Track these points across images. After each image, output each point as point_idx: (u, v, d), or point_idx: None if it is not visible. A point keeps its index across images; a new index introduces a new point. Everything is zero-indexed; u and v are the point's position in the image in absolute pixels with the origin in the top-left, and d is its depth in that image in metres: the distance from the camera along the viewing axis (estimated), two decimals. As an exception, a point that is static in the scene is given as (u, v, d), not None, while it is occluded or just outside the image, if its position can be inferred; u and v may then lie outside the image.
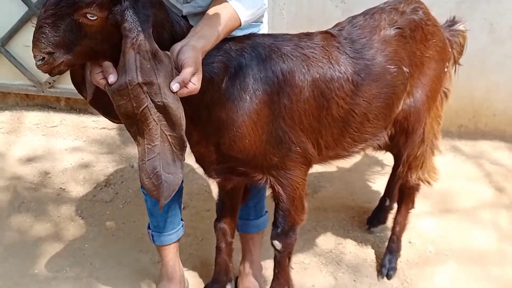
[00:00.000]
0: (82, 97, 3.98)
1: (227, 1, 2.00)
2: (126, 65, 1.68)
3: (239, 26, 2.05)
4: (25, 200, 3.42)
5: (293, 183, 2.26)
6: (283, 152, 2.17)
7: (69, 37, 1.70)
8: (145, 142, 1.75)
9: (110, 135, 4.13)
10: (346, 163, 3.79)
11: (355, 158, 3.81)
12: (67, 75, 4.02)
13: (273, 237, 2.41)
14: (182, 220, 2.76)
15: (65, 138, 4.08)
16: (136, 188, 3.55)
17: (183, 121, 1.75)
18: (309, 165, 2.31)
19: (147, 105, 1.71)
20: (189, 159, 3.64)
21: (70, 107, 4.35)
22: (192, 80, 1.76)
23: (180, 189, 2.71)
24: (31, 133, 4.11)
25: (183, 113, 1.75)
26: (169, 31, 1.86)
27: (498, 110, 4.15)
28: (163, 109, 1.72)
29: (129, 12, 1.70)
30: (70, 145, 3.99)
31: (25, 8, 3.94)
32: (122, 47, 1.70)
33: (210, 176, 2.33)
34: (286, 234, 2.38)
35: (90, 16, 1.68)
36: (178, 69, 1.77)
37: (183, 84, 1.73)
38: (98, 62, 1.77)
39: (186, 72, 1.75)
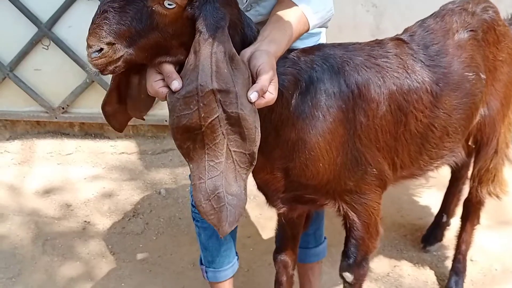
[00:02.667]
0: (97, 122, 3.81)
1: (294, 3, 1.78)
2: (199, 67, 1.44)
3: (307, 30, 1.84)
4: (48, 237, 3.16)
5: (368, 208, 2.05)
6: (358, 175, 1.95)
7: (136, 27, 1.47)
8: (207, 158, 1.51)
9: (130, 160, 3.87)
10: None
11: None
12: (81, 99, 3.82)
13: (343, 269, 2.18)
14: (237, 253, 2.51)
15: (82, 166, 3.82)
16: (168, 217, 3.31)
17: (258, 136, 1.52)
18: (384, 187, 2.09)
19: (218, 116, 1.47)
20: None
21: (85, 132, 4.09)
22: (269, 89, 1.53)
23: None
24: (45, 163, 3.85)
25: (259, 127, 1.52)
26: (241, 34, 1.63)
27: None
28: (236, 121, 1.49)
29: (209, 6, 1.48)
30: (89, 174, 3.73)
31: (35, 29, 3.70)
32: (193, 46, 1.47)
33: (274, 206, 2.09)
34: (359, 264, 2.16)
35: (168, 4, 1.45)
36: (253, 76, 1.54)
37: (262, 93, 1.51)
38: (156, 68, 1.54)
39: (264, 79, 1.51)
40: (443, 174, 2.86)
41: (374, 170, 1.98)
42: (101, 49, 1.45)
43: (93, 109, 3.91)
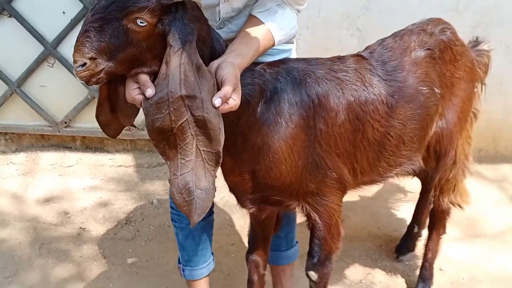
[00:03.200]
0: (97, 136, 4.04)
1: (261, 21, 2.00)
2: (169, 76, 1.64)
3: (273, 46, 2.05)
4: (45, 241, 3.36)
5: (329, 209, 2.21)
6: (319, 178, 2.12)
7: (114, 43, 1.67)
8: (179, 157, 1.70)
9: (127, 173, 4.09)
10: (368, 191, 3.76)
11: (378, 186, 3.78)
12: (83, 114, 4.05)
13: (308, 268, 2.34)
14: (212, 253, 2.70)
15: (82, 178, 4.03)
16: (158, 225, 3.51)
17: (222, 137, 1.72)
18: (344, 191, 2.27)
19: (186, 119, 1.67)
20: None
21: (86, 146, 4.31)
22: (232, 96, 1.74)
23: (211, 220, 2.67)
24: (48, 174, 4.07)
25: (223, 129, 1.72)
26: (210, 48, 1.84)
27: (517, 133, 4.10)
28: (203, 124, 1.68)
29: (178, 23, 1.68)
30: (88, 184, 3.95)
31: (41, 48, 3.95)
32: (165, 58, 1.66)
33: (244, 206, 2.28)
34: (323, 263, 2.32)
35: (140, 22, 1.65)
36: (218, 85, 1.74)
37: (225, 99, 1.70)
38: (133, 78, 1.74)
39: (227, 87, 1.72)
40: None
41: (334, 174, 2.14)
42: (85, 63, 1.66)
43: (94, 123, 4.00)
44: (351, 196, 3.66)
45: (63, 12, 3.86)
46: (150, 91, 1.65)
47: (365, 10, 3.81)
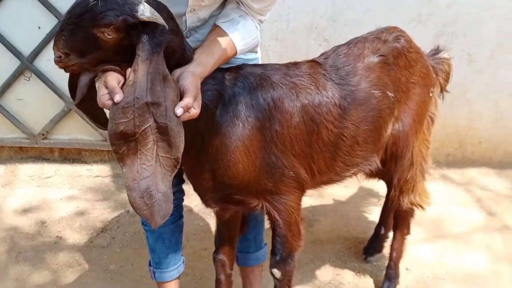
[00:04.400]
0: (75, 147, 4.12)
1: (224, 31, 2.11)
2: (136, 83, 1.73)
3: (235, 55, 2.16)
4: (22, 250, 3.42)
5: (288, 207, 2.29)
6: (276, 177, 2.22)
7: (84, 45, 1.81)
8: (139, 162, 1.76)
9: (104, 183, 4.17)
10: (340, 196, 3.88)
11: (349, 191, 3.90)
12: (60, 126, 4.13)
13: (272, 266, 2.43)
14: (182, 256, 2.78)
15: (59, 188, 4.10)
16: (133, 232, 3.58)
17: (182, 144, 1.79)
18: (302, 190, 2.36)
19: (150, 125, 1.75)
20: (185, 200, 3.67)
21: (64, 157, 4.39)
22: (193, 105, 1.83)
23: (181, 224, 2.75)
24: (26, 185, 4.14)
25: (183, 137, 1.80)
26: (177, 58, 1.94)
27: (483, 138, 4.26)
28: (164, 131, 1.76)
29: (146, 36, 1.78)
30: (65, 194, 4.02)
31: (18, 63, 4.04)
32: (133, 66, 1.75)
33: (207, 204, 2.36)
34: (285, 261, 2.40)
35: (107, 35, 1.77)
36: (180, 94, 1.83)
37: (186, 109, 1.79)
38: (103, 83, 1.82)
39: (189, 98, 1.81)
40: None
41: (291, 172, 2.23)
42: (60, 56, 1.82)
43: (70, 135, 4.25)
44: (322, 200, 3.82)
45: (39, 27, 3.95)
46: (118, 97, 1.73)
47: (332, 21, 3.94)
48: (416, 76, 2.57)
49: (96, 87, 1.89)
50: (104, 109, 1.94)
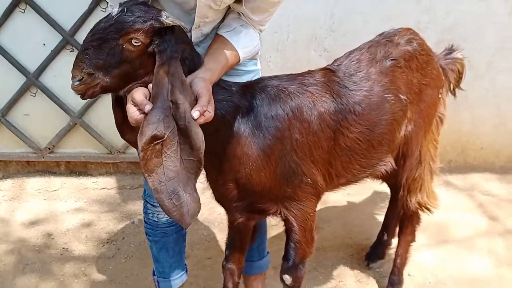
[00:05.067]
0: (81, 160, 4.19)
1: (227, 40, 2.18)
2: (159, 86, 1.79)
3: (238, 62, 2.22)
4: (29, 262, 3.48)
5: (304, 213, 2.37)
6: (295, 183, 2.28)
7: (110, 60, 1.83)
8: (164, 165, 1.80)
9: (110, 195, 4.22)
10: (343, 203, 3.92)
11: (352, 198, 3.93)
12: (65, 140, 4.20)
13: (283, 271, 2.49)
14: (186, 264, 2.82)
15: (66, 201, 4.16)
16: (138, 243, 3.63)
17: (203, 144, 1.83)
18: (318, 196, 2.43)
19: (175, 127, 1.80)
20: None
21: (70, 170, 4.45)
22: (207, 109, 1.88)
23: (184, 233, 2.79)
24: (33, 199, 4.19)
25: (203, 138, 1.84)
26: (188, 65, 1.99)
27: (485, 143, 4.28)
28: (185, 133, 1.80)
29: (166, 43, 1.86)
30: (72, 207, 4.07)
31: (23, 79, 4.10)
32: (155, 72, 1.82)
33: (233, 216, 2.44)
34: (297, 267, 2.46)
35: (135, 42, 1.82)
36: (195, 99, 1.89)
37: (202, 112, 1.84)
38: (131, 102, 1.86)
39: (203, 100, 1.86)
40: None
41: (309, 180, 2.30)
42: (82, 78, 1.83)
43: (76, 149, 4.31)
44: (326, 208, 3.85)
45: (44, 44, 4.02)
46: (148, 107, 1.79)
47: (331, 31, 3.99)
48: (427, 78, 2.62)
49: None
50: None
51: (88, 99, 2.61)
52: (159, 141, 1.78)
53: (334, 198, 3.79)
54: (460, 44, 3.91)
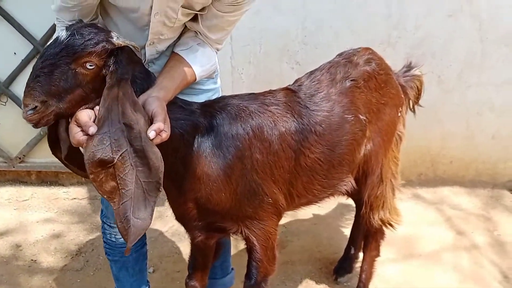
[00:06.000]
0: (52, 170, 4.15)
1: (184, 58, 2.17)
2: (108, 110, 1.76)
3: (194, 81, 2.22)
4: (-4, 274, 3.46)
5: (265, 233, 2.36)
6: (256, 203, 2.28)
7: (63, 86, 1.79)
8: (119, 187, 1.77)
9: (81, 205, 4.20)
10: (313, 216, 3.93)
11: (322, 211, 3.95)
12: (36, 150, 4.17)
13: None
14: (148, 282, 2.82)
15: (36, 211, 4.13)
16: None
17: (162, 164, 1.80)
18: (279, 215, 2.43)
19: (126, 149, 1.76)
20: (157, 223, 3.73)
21: (41, 180, 4.43)
22: (164, 128, 1.85)
23: (144, 251, 2.78)
24: (3, 209, 4.16)
25: (161, 157, 1.80)
26: (140, 85, 1.97)
27: (454, 157, 4.31)
28: (142, 154, 1.77)
29: (116, 65, 1.84)
30: (42, 217, 4.05)
31: (-5, 88, 4.09)
32: (104, 94, 1.78)
33: (193, 235, 2.42)
34: (259, 285, 2.45)
35: (89, 65, 1.80)
36: (149, 118, 1.86)
37: (158, 131, 1.81)
38: (75, 122, 1.82)
39: (159, 120, 1.83)
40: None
41: (270, 199, 2.30)
42: (36, 107, 1.76)
43: (48, 158, 4.25)
44: (295, 221, 3.86)
45: (14, 53, 4.01)
46: (92, 129, 1.74)
47: (303, 45, 4.01)
48: (386, 97, 2.64)
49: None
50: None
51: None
52: (110, 164, 1.76)
53: (303, 211, 3.78)
54: (429, 59, 4.02)
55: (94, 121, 1.80)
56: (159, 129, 1.82)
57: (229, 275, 2.89)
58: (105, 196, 1.79)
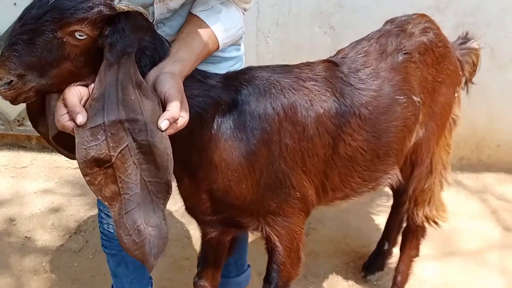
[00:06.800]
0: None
1: (203, 21, 1.76)
2: (105, 95, 1.40)
3: (217, 49, 1.82)
4: (-15, 252, 3.12)
5: (290, 232, 2.04)
6: (281, 197, 1.94)
7: (46, 58, 1.44)
8: (121, 192, 1.44)
9: (84, 176, 3.83)
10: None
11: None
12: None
13: None
14: (151, 278, 2.47)
15: (35, 180, 3.80)
16: (109, 235, 3.25)
17: (171, 164, 1.46)
18: (307, 212, 2.09)
19: (127, 145, 1.42)
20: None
21: (42, 146, 4.07)
22: (180, 114, 1.47)
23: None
24: (-1, 175, 3.82)
25: (172, 154, 1.46)
26: (150, 57, 1.58)
27: (502, 141, 3.90)
28: (147, 149, 1.43)
29: (117, 35, 1.46)
30: (41, 187, 3.71)
31: (-9, 43, 3.69)
32: (99, 74, 1.44)
33: (204, 230, 2.11)
34: None
35: (79, 35, 1.43)
36: (162, 102, 1.48)
37: (173, 120, 1.44)
38: (62, 101, 1.47)
39: (174, 106, 1.45)
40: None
41: (298, 193, 1.96)
42: (11, 81, 1.42)
43: None
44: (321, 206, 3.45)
45: (15, 4, 3.66)
46: (81, 118, 1.39)
47: (339, 7, 3.59)
48: (442, 75, 2.28)
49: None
50: None
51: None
52: (107, 164, 1.40)
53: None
54: (482, 29, 3.54)
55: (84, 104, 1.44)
56: (173, 118, 1.44)
57: (245, 273, 2.56)
58: (106, 203, 1.46)
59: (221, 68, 1.96)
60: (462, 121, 3.62)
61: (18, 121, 3.92)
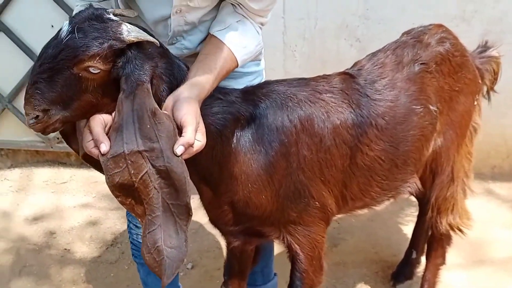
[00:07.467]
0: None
1: (221, 40, 1.82)
2: (123, 126, 1.49)
3: (236, 67, 1.87)
4: (27, 264, 3.26)
5: (311, 241, 2.08)
6: (301, 206, 1.99)
7: (67, 93, 1.53)
8: (147, 213, 1.54)
9: (120, 190, 3.96)
10: (369, 212, 3.54)
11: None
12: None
13: None
14: (180, 287, 2.53)
15: (74, 195, 3.94)
16: (144, 247, 3.36)
17: (189, 187, 1.54)
18: (327, 221, 2.13)
19: (146, 171, 1.51)
20: (197, 214, 3.43)
21: (81, 162, 4.19)
22: (196, 138, 1.55)
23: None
24: (40, 191, 3.99)
25: (189, 178, 1.54)
26: (168, 82, 1.66)
27: (534, 148, 3.83)
28: (166, 174, 1.51)
29: (131, 65, 1.53)
30: (79, 202, 3.85)
31: (31, 63, 3.84)
32: (117, 105, 1.52)
33: (228, 240, 2.17)
34: None
35: (92, 70, 1.51)
36: (178, 127, 1.56)
37: (188, 146, 1.51)
38: (89, 127, 1.56)
39: (189, 131, 1.52)
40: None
41: (317, 203, 2.00)
42: (37, 116, 1.53)
43: None
44: (349, 216, 3.48)
45: (52, 26, 3.79)
46: (104, 147, 1.48)
47: (364, 19, 3.61)
48: (460, 83, 2.29)
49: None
50: None
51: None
52: (132, 188, 1.50)
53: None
54: (508, 37, 3.53)
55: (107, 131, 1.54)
56: (188, 143, 1.52)
57: (271, 282, 2.60)
58: (139, 219, 1.58)
59: (241, 83, 2.02)
60: (493, 128, 3.63)
61: (58, 138, 4.07)
